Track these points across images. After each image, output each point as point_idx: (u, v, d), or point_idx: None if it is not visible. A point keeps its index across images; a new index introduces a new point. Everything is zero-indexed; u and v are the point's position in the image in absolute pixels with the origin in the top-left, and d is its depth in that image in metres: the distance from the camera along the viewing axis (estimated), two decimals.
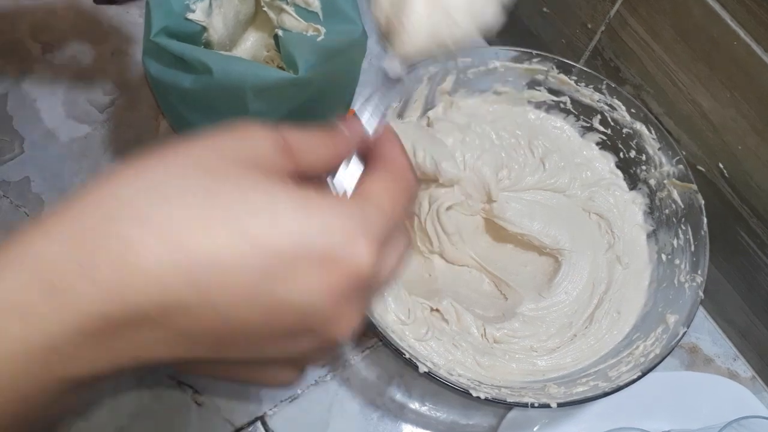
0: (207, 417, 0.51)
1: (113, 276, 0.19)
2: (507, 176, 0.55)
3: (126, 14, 0.69)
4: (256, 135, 0.22)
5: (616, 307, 0.51)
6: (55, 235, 0.19)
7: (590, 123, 0.57)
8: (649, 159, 0.54)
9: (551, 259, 0.55)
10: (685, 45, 0.49)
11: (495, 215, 0.54)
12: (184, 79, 0.42)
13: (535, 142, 0.56)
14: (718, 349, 0.58)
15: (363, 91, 0.52)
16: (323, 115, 0.49)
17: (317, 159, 0.25)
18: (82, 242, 0.19)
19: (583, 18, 0.57)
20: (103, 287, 0.19)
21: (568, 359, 0.49)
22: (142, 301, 0.19)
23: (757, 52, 0.44)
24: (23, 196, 0.59)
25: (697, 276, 0.48)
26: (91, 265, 0.19)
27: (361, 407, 0.52)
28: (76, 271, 0.18)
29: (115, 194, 0.20)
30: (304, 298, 0.20)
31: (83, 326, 0.19)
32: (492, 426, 0.52)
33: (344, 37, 0.45)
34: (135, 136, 0.63)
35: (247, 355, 0.22)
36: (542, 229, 0.53)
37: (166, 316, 0.19)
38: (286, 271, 0.19)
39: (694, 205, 0.51)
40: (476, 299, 0.53)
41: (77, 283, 0.18)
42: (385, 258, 0.23)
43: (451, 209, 0.53)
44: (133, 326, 0.19)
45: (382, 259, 0.22)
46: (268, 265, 0.19)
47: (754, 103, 0.46)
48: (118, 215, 0.19)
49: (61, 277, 0.18)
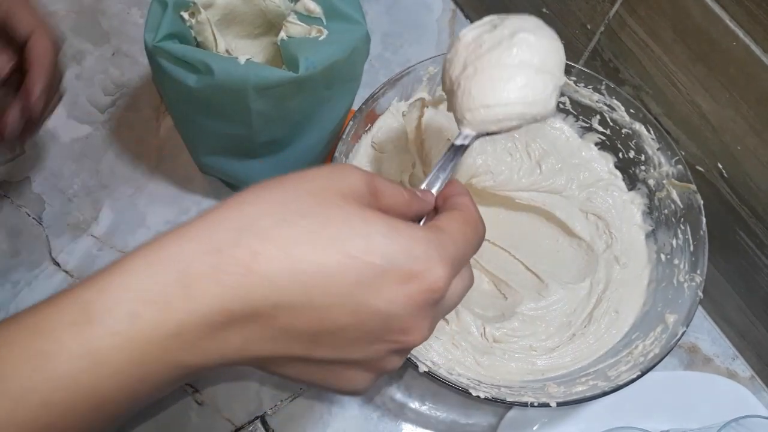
0: (207, 416, 0.51)
1: (238, 279, 0.22)
2: (491, 179, 0.55)
3: (127, 15, 0.69)
4: (354, 174, 0.26)
5: (615, 306, 0.52)
6: (193, 241, 0.23)
7: (589, 123, 0.58)
8: (648, 159, 0.54)
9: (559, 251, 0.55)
10: (684, 46, 0.49)
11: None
12: (188, 78, 0.42)
13: (532, 145, 0.56)
14: (717, 349, 0.58)
15: (364, 92, 0.52)
16: (325, 115, 0.49)
17: (396, 206, 0.28)
18: (216, 249, 0.23)
19: (582, 19, 0.58)
20: (228, 287, 0.22)
21: (567, 359, 0.50)
22: (258, 299, 0.22)
23: (756, 52, 0.44)
24: (24, 196, 0.59)
25: (696, 276, 0.48)
26: (222, 268, 0.22)
27: (361, 406, 0.53)
28: (208, 273, 0.22)
29: (244, 212, 0.24)
30: (388, 306, 0.24)
31: (206, 318, 0.22)
32: (492, 425, 0.52)
33: (347, 37, 0.45)
34: (136, 136, 0.63)
35: (333, 355, 0.25)
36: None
37: (276, 313, 0.23)
38: (375, 282, 0.23)
39: (693, 205, 0.51)
40: (476, 299, 0.53)
41: (208, 282, 0.22)
42: (456, 283, 0.27)
43: None
44: (246, 321, 0.23)
45: (453, 283, 0.26)
46: (362, 275, 0.23)
47: (752, 103, 0.46)
48: (246, 229, 0.23)
49: (195, 275, 0.22)
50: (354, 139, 0.51)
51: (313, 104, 0.47)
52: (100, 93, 0.65)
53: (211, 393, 0.52)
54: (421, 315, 0.25)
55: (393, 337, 0.25)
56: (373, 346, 0.25)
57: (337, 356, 0.25)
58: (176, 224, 0.24)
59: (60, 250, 0.57)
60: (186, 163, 0.60)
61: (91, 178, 0.60)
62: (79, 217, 0.58)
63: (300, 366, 0.26)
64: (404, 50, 0.71)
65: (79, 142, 0.62)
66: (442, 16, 0.74)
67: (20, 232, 0.57)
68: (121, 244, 0.57)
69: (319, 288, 0.23)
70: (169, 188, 0.60)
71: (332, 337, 0.24)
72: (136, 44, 0.67)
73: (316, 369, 0.26)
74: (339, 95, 0.49)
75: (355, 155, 0.52)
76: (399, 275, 0.24)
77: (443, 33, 0.73)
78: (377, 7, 0.74)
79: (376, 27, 0.72)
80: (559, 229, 0.56)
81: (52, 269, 0.56)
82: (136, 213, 0.59)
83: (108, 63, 0.66)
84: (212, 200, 0.60)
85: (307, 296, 0.23)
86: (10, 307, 0.54)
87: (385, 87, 0.52)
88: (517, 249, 0.56)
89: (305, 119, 0.48)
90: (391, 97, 0.53)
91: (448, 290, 0.26)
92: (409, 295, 0.24)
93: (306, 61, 0.43)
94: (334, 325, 0.24)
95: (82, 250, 0.57)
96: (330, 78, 0.45)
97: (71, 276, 0.56)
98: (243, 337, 0.23)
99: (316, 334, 0.24)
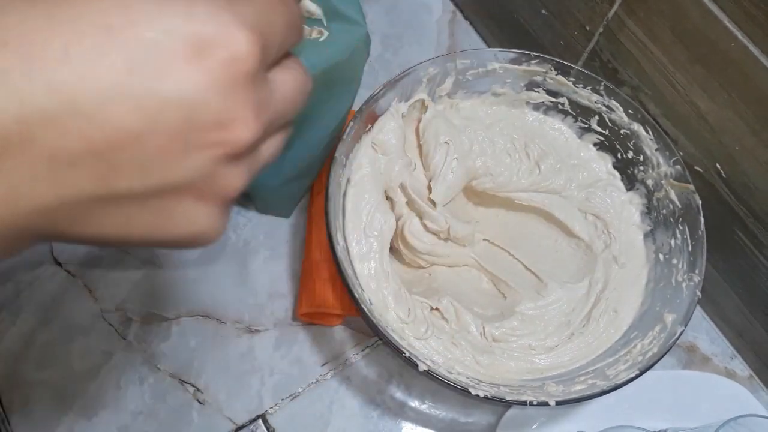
0: (208, 415, 0.51)
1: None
2: (491, 181, 0.56)
3: None
4: None
5: (614, 306, 0.52)
6: None
7: (588, 124, 0.58)
8: (647, 160, 0.55)
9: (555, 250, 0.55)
10: (682, 46, 0.49)
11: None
12: None
13: (531, 145, 0.57)
14: (716, 348, 0.59)
15: (364, 93, 0.52)
16: (325, 116, 0.49)
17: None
18: None
19: (581, 20, 0.58)
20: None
21: (566, 358, 0.50)
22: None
23: (755, 53, 0.44)
24: None
25: (695, 275, 0.48)
26: None
27: (362, 405, 0.53)
28: None
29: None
30: (181, 90, 0.18)
31: None
32: (491, 424, 0.52)
33: (348, 37, 0.45)
34: None
35: (142, 183, 0.19)
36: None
37: (31, 134, 0.17)
38: (154, 62, 0.17)
39: (692, 205, 0.51)
40: (475, 298, 0.53)
41: None
42: (280, 73, 0.22)
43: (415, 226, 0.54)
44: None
45: (262, 43, 0.20)
46: (132, 58, 0.17)
47: (751, 104, 0.46)
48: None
49: None
50: (354, 139, 0.51)
51: (313, 105, 0.47)
52: None
53: (213, 392, 0.52)
54: (234, 97, 0.19)
55: (210, 137, 0.19)
56: (190, 156, 0.19)
57: (148, 183, 0.19)
58: None
59: (62, 250, 0.57)
60: None
61: None
62: None
63: (107, 214, 0.19)
64: (404, 51, 0.71)
65: None
66: (442, 17, 0.75)
67: None
68: None
69: (78, 86, 0.17)
70: None
71: (127, 154, 0.18)
72: None
73: (132, 213, 0.20)
74: (339, 96, 0.49)
75: (356, 156, 0.52)
76: (184, 49, 0.18)
77: (443, 34, 0.73)
78: (377, 8, 0.74)
79: (376, 28, 0.72)
80: (558, 229, 0.57)
81: (54, 269, 0.56)
82: None
83: None
84: None
85: (62, 97, 0.17)
86: (12, 306, 0.54)
87: (385, 88, 0.52)
88: (517, 249, 0.56)
89: (305, 120, 0.48)
90: (390, 98, 0.53)
91: (262, 64, 0.20)
92: (206, 70, 0.18)
93: (306, 62, 0.43)
94: (119, 135, 0.18)
95: (83, 250, 0.57)
96: (330, 79, 0.46)
97: (73, 275, 0.56)
98: (7, 183, 0.17)
99: (102, 154, 0.18)
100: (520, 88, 0.58)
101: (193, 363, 0.53)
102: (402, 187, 0.53)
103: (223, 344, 0.54)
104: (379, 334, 0.44)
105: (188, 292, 0.56)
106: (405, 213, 0.53)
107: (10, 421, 0.50)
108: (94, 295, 0.55)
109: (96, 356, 0.53)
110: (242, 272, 0.57)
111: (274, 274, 0.57)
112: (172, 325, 0.55)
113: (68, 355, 0.53)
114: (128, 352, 0.53)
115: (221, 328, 0.55)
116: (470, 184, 0.56)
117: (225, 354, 0.54)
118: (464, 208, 0.59)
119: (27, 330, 0.53)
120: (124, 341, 0.54)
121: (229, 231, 0.59)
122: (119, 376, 0.52)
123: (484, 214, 0.59)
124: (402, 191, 0.53)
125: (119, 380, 0.52)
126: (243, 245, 0.58)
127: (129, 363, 0.53)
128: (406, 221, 0.53)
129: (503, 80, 0.58)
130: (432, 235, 0.54)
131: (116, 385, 0.52)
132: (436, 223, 0.53)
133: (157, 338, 0.54)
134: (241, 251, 0.58)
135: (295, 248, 0.59)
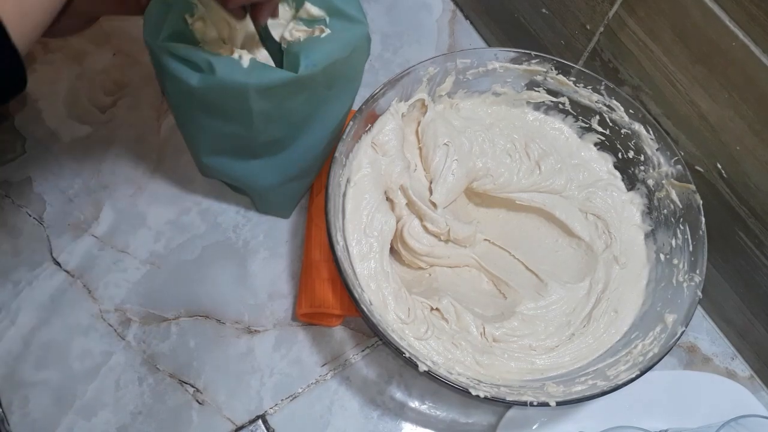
0: (208, 415, 0.51)
1: None
2: (492, 182, 0.55)
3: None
4: None
5: (614, 306, 0.52)
6: None
7: (589, 124, 0.58)
8: (648, 159, 0.55)
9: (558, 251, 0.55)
10: (683, 46, 0.49)
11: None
12: (190, 77, 0.43)
13: (531, 145, 0.57)
14: (717, 349, 0.58)
15: (364, 93, 0.52)
16: (325, 115, 0.49)
17: None
18: None
19: (582, 19, 0.58)
20: None
21: (566, 358, 0.50)
22: None
23: (756, 53, 0.44)
24: (25, 196, 0.59)
25: (696, 275, 0.48)
26: None
27: (362, 406, 0.53)
28: None
29: None
30: None
31: None
32: (491, 424, 0.52)
33: (348, 35, 0.45)
34: (136, 136, 0.63)
35: None
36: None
37: None
38: None
39: (693, 205, 0.51)
40: (476, 298, 0.53)
41: None
42: None
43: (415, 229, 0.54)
44: None
45: None
46: None
47: (752, 103, 0.46)
48: None
49: None
50: (354, 139, 0.51)
51: (313, 104, 0.47)
52: (101, 93, 0.65)
53: (212, 392, 0.52)
54: None
55: None
56: None
57: None
58: (177, 224, 0.23)
59: (61, 250, 0.57)
60: (187, 163, 0.61)
61: (92, 178, 0.60)
62: (79, 217, 0.58)
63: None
64: (404, 50, 0.71)
65: (79, 142, 0.62)
66: (442, 16, 0.74)
67: (21, 232, 0.58)
68: (121, 243, 0.57)
69: None
70: (169, 188, 0.60)
71: None
72: (136, 44, 0.67)
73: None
74: (339, 95, 0.49)
75: (356, 155, 0.52)
76: None
77: (443, 33, 0.73)
78: (377, 8, 0.74)
79: (376, 27, 0.72)
80: (558, 229, 0.57)
81: (53, 269, 0.56)
82: (137, 213, 0.59)
83: (109, 63, 0.66)
84: (213, 200, 0.60)
85: None
86: (12, 306, 0.54)
87: (385, 87, 0.52)
88: (517, 249, 0.56)
89: (306, 119, 0.48)
90: (391, 97, 0.53)
91: None
92: None
93: (307, 59, 0.43)
94: None
95: (82, 250, 0.57)
96: (331, 78, 0.46)
97: (72, 276, 0.56)
98: None
99: None
100: (520, 87, 0.58)
101: (192, 363, 0.53)
102: (402, 189, 0.53)
103: (223, 344, 0.54)
104: (379, 334, 0.44)
105: (188, 292, 0.56)
106: (405, 215, 0.53)
107: (9, 421, 0.50)
108: (94, 296, 0.55)
109: (95, 356, 0.53)
110: (242, 272, 0.57)
111: (273, 275, 0.57)
112: (171, 326, 0.55)
113: (68, 355, 0.53)
114: (127, 352, 0.53)
115: (221, 329, 0.55)
116: (471, 185, 0.56)
117: (225, 354, 0.54)
118: (465, 209, 0.59)
119: (26, 330, 0.53)
120: (124, 341, 0.54)
121: (229, 231, 0.59)
122: (118, 377, 0.52)
123: (485, 215, 0.59)
124: (402, 193, 0.53)
125: (118, 380, 0.52)
126: (243, 245, 0.58)
127: (128, 363, 0.53)
128: (405, 223, 0.53)
129: (504, 80, 0.57)
130: (432, 237, 0.54)
131: (116, 385, 0.52)
132: (436, 225, 0.52)
133: (156, 338, 0.54)
134: (240, 251, 0.58)
135: (295, 248, 0.59)
